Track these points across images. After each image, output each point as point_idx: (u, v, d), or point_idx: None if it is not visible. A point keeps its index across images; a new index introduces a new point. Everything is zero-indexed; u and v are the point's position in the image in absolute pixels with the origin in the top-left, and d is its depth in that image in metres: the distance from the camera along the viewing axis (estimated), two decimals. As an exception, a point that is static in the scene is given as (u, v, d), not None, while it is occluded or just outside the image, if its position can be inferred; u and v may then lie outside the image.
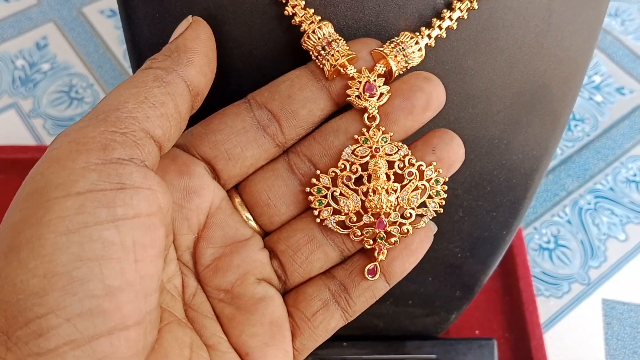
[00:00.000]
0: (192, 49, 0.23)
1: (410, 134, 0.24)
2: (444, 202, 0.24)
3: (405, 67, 0.24)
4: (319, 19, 0.24)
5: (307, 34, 0.24)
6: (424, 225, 0.24)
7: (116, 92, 0.21)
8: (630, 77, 0.59)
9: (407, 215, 0.24)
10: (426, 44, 0.24)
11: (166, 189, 0.21)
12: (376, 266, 0.24)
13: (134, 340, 0.19)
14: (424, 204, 0.24)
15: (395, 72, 0.24)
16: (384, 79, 0.24)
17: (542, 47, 0.26)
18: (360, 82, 0.24)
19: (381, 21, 0.25)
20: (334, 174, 0.24)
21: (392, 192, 0.24)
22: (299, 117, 0.24)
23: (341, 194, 0.24)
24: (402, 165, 0.24)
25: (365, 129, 0.24)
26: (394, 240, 0.24)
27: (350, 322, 0.26)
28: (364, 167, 0.24)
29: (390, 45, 0.24)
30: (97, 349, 0.18)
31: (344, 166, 0.24)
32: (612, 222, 0.51)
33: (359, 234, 0.24)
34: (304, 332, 0.25)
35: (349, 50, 0.24)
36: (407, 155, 0.24)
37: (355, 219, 0.24)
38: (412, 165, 0.24)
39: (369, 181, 0.24)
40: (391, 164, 0.24)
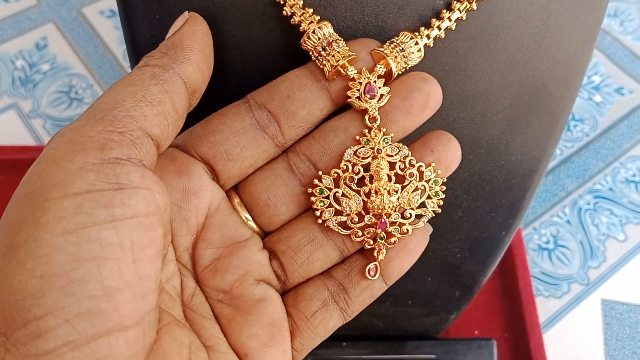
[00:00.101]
0: (189, 45, 0.22)
1: (408, 134, 0.24)
2: (442, 203, 0.24)
3: (404, 68, 0.24)
4: (318, 18, 0.24)
5: (307, 34, 0.24)
6: (422, 225, 0.24)
7: (113, 91, 0.21)
8: (629, 78, 0.59)
9: (407, 215, 0.24)
10: (425, 44, 0.24)
11: (164, 188, 0.21)
12: (376, 266, 0.24)
13: (133, 340, 0.19)
14: (423, 205, 0.24)
15: (394, 73, 0.24)
16: (383, 80, 0.24)
17: (541, 48, 0.26)
18: (360, 84, 0.24)
19: (380, 22, 0.25)
20: (336, 174, 0.24)
21: (394, 193, 0.24)
22: (299, 117, 0.24)
23: (343, 195, 0.24)
24: (403, 166, 0.24)
25: (366, 130, 0.24)
26: (393, 240, 0.24)
27: (349, 322, 0.26)
28: (366, 168, 0.24)
29: (390, 45, 0.24)
30: (95, 349, 0.18)
31: (346, 167, 0.24)
32: (611, 222, 0.51)
33: (360, 234, 0.24)
34: (303, 332, 0.25)
35: (349, 51, 0.24)
36: (408, 156, 0.24)
37: (356, 220, 0.24)
38: (412, 166, 0.24)
39: (371, 182, 0.24)
40: (392, 165, 0.24)
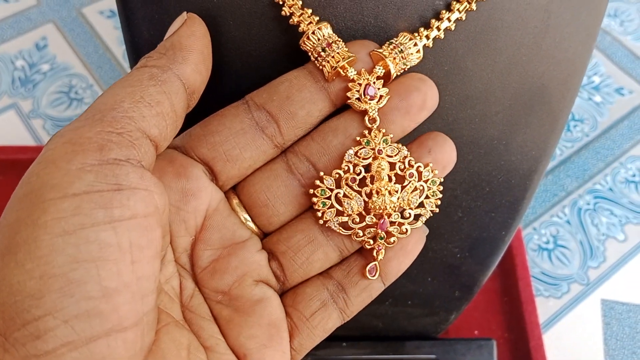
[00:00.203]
0: (187, 46, 0.22)
1: (406, 134, 0.24)
2: (439, 202, 0.25)
3: (403, 69, 0.24)
4: (317, 19, 0.24)
5: (307, 35, 0.24)
6: (420, 224, 0.25)
7: (112, 91, 0.21)
8: (629, 78, 0.59)
9: (407, 215, 0.24)
10: (424, 45, 0.24)
11: (163, 189, 0.21)
12: (376, 265, 0.24)
13: (132, 341, 0.19)
14: (421, 205, 0.24)
15: (393, 75, 0.24)
16: (382, 81, 0.24)
17: (541, 48, 0.26)
18: (360, 85, 0.24)
19: (380, 22, 0.25)
20: (337, 175, 0.24)
21: (394, 193, 0.24)
22: (298, 118, 0.24)
23: (345, 196, 0.24)
24: (402, 166, 0.24)
25: (366, 131, 0.24)
26: (392, 240, 0.24)
27: (349, 322, 0.26)
28: (366, 168, 0.24)
29: (389, 47, 0.24)
30: (94, 350, 0.18)
31: (347, 168, 0.24)
32: (611, 222, 0.51)
33: (361, 234, 0.24)
34: (302, 332, 0.25)
35: (349, 52, 0.24)
36: (407, 156, 0.24)
37: (357, 220, 0.24)
38: (411, 166, 0.24)
39: (372, 182, 0.24)
40: (392, 166, 0.24)
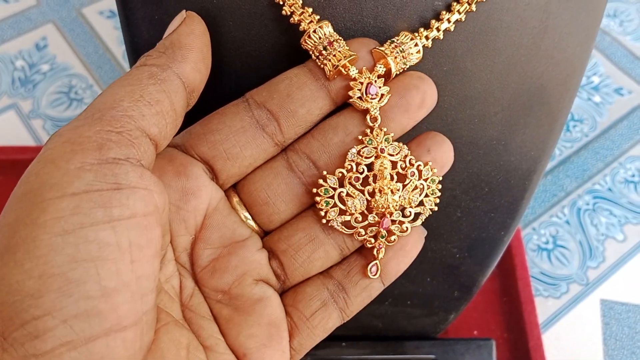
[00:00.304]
0: (186, 45, 0.22)
1: (405, 132, 0.25)
2: (438, 201, 0.25)
3: (402, 68, 0.24)
4: (317, 18, 0.24)
5: (308, 34, 0.24)
6: (420, 223, 0.25)
7: (111, 90, 0.21)
8: (628, 78, 0.59)
9: (407, 214, 0.24)
10: (424, 45, 0.24)
11: (162, 188, 0.21)
12: (377, 264, 0.24)
13: (131, 341, 0.19)
14: (421, 203, 0.25)
15: (393, 73, 0.24)
16: (383, 80, 0.24)
17: (540, 48, 0.26)
18: (362, 84, 0.24)
19: (379, 23, 0.25)
20: (340, 174, 0.24)
21: (397, 192, 0.24)
22: (298, 116, 0.24)
23: (348, 195, 0.24)
24: (404, 165, 0.24)
25: (368, 130, 0.24)
26: (393, 238, 0.24)
27: (349, 322, 0.26)
28: (368, 167, 0.24)
29: (390, 45, 0.24)
30: (93, 350, 0.18)
31: (350, 167, 0.24)
32: (610, 222, 0.51)
33: (363, 233, 0.24)
34: (302, 332, 0.25)
35: (350, 50, 0.24)
36: (408, 155, 0.24)
37: (360, 219, 0.24)
38: (412, 165, 0.24)
39: (375, 181, 0.24)
40: (394, 164, 0.24)
